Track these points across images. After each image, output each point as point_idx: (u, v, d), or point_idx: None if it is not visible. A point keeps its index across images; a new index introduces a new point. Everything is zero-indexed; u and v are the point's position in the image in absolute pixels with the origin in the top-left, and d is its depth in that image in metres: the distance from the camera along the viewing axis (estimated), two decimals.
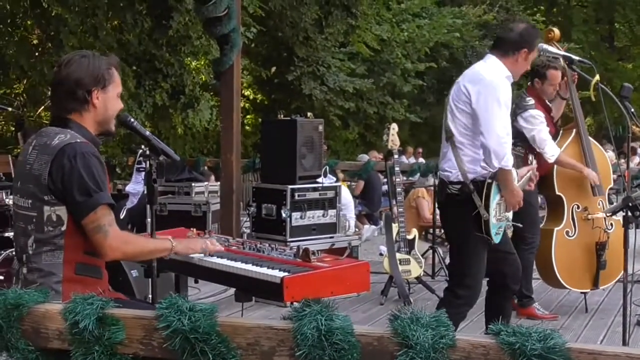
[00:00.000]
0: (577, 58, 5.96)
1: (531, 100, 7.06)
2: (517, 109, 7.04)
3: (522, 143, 6.97)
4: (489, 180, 5.17)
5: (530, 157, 7.00)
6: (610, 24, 30.46)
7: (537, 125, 6.97)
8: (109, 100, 3.72)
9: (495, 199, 5.20)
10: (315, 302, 2.58)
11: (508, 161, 5.15)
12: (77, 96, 3.64)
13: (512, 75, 5.36)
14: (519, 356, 2.35)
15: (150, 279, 4.31)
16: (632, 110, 5.54)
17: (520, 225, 5.75)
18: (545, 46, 6.52)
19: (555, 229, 7.17)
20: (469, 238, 5.27)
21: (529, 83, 7.41)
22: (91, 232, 3.47)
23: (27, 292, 2.91)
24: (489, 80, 5.23)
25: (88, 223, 3.46)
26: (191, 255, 4.25)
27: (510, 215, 5.50)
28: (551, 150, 6.94)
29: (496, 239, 5.29)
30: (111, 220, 3.51)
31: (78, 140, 3.54)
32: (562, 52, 6.43)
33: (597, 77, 5.54)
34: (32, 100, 15.32)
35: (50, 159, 3.50)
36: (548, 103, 7.21)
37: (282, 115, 8.39)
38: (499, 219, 5.28)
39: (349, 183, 15.15)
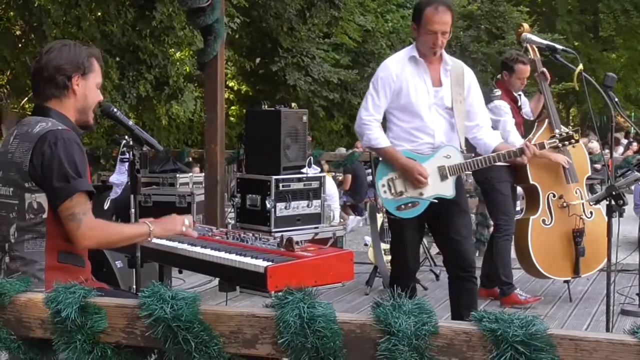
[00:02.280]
0: (560, 47, 5.99)
1: (498, 92, 7.25)
2: (486, 101, 7.13)
3: None
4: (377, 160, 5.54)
5: None
6: (595, 14, 30.52)
7: (501, 116, 7.14)
8: (89, 89, 3.71)
9: (385, 176, 5.38)
10: (297, 290, 2.58)
11: (371, 141, 5.41)
12: (57, 82, 3.63)
13: (423, 52, 5.39)
14: (501, 343, 2.35)
15: (134, 269, 4.30)
16: (616, 99, 5.56)
17: (448, 196, 5.66)
18: (529, 36, 6.58)
19: (531, 217, 7.21)
20: (390, 220, 5.62)
21: (498, 76, 7.57)
22: (65, 219, 3.44)
23: (8, 282, 2.89)
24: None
25: (63, 210, 3.44)
26: (175, 245, 4.25)
27: (432, 190, 5.39)
28: (513, 142, 6.98)
29: (403, 214, 5.38)
30: (86, 209, 3.47)
31: (59, 128, 3.53)
32: (546, 42, 6.47)
33: (581, 66, 5.57)
34: (16, 91, 15.25)
35: (32, 146, 3.48)
36: (515, 94, 7.33)
37: (266, 106, 8.37)
38: (398, 194, 5.36)
39: (333, 174, 15.16)
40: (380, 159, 5.48)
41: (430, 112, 5.41)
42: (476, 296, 5.69)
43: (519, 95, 7.44)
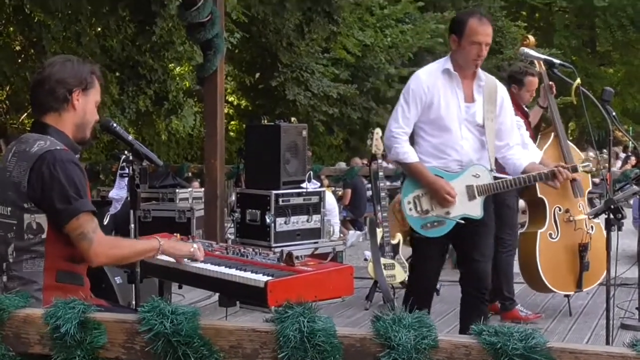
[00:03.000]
0: (558, 61, 5.97)
1: None
2: None
3: None
4: (404, 175, 5.40)
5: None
6: (592, 29, 30.57)
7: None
8: (88, 105, 3.72)
9: (411, 193, 5.27)
10: (297, 304, 2.58)
11: (399, 155, 5.29)
12: (57, 94, 3.64)
13: (457, 67, 5.35)
14: (501, 356, 2.35)
15: (133, 285, 4.29)
16: (614, 114, 5.56)
17: (476, 217, 5.62)
18: (526, 50, 6.57)
19: (539, 231, 7.19)
20: (415, 238, 5.47)
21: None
22: (76, 239, 3.46)
23: (7, 297, 2.89)
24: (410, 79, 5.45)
25: (71, 230, 3.45)
26: (174, 261, 4.24)
27: (459, 210, 5.32)
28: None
29: (428, 233, 5.29)
30: (95, 227, 3.49)
31: (58, 148, 3.53)
32: (544, 56, 6.46)
33: (578, 80, 5.56)
34: (15, 106, 15.26)
35: (29, 166, 3.48)
36: (526, 109, 7.27)
37: (266, 121, 8.38)
38: (422, 213, 5.26)
39: (333, 188, 15.16)
40: (407, 175, 5.37)
41: (461, 128, 5.31)
42: (487, 318, 5.65)
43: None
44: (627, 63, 31.29)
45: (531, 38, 7.33)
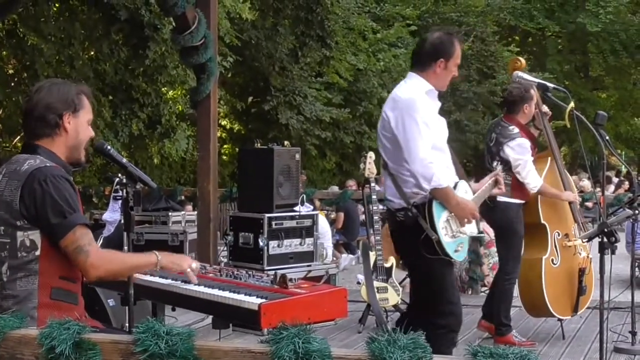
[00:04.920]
0: (551, 85, 5.98)
1: (515, 129, 7.05)
2: (502, 138, 7.05)
3: (509, 171, 6.99)
4: (430, 200, 5.01)
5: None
6: (584, 54, 30.73)
7: (524, 155, 6.99)
8: (80, 126, 3.74)
9: (441, 217, 5.03)
10: (292, 325, 2.58)
11: (439, 180, 4.95)
12: (47, 120, 3.66)
13: (437, 87, 5.25)
14: None
15: (127, 307, 4.28)
16: (607, 138, 5.58)
17: (477, 233, 5.59)
18: (520, 74, 6.58)
19: (543, 257, 7.13)
20: (430, 264, 5.06)
21: (504, 111, 7.44)
22: (72, 253, 3.47)
23: (2, 318, 2.89)
24: (404, 101, 5.10)
25: (68, 245, 3.46)
26: (168, 283, 4.24)
27: (469, 229, 5.23)
28: (534, 181, 6.95)
29: (458, 257, 5.17)
30: (90, 240, 3.51)
31: (47, 165, 3.56)
32: (537, 80, 6.47)
33: (572, 104, 5.58)
34: (8, 130, 15.25)
35: (20, 184, 3.50)
36: (531, 131, 7.24)
37: (259, 145, 8.39)
38: (453, 236, 5.09)
39: (326, 212, 15.16)
40: (434, 199, 5.02)
41: (447, 147, 5.27)
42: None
43: None
44: (620, 88, 31.43)
45: (522, 60, 7.31)
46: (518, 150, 6.98)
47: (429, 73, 5.22)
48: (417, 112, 5.02)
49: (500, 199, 6.81)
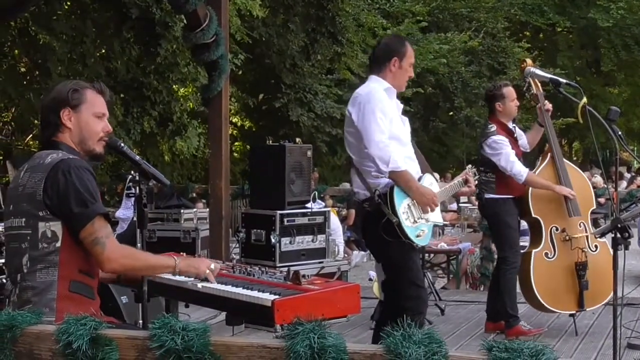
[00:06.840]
0: (564, 81, 6.00)
1: (493, 127, 7.26)
2: (481, 138, 7.40)
3: (492, 170, 7.24)
4: (391, 187, 5.25)
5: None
6: (596, 49, 30.61)
7: (501, 149, 7.16)
8: (83, 120, 3.77)
9: (402, 203, 5.25)
10: (307, 321, 2.59)
11: (397, 162, 5.22)
12: (49, 121, 3.77)
13: (395, 86, 5.52)
14: None
15: (140, 304, 4.29)
16: (620, 133, 5.56)
17: (441, 223, 5.91)
18: (532, 69, 6.62)
19: (533, 251, 7.23)
20: (394, 249, 5.29)
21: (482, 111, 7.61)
22: (89, 245, 3.52)
23: (20, 314, 2.91)
24: (363, 95, 5.42)
25: (86, 236, 3.51)
26: (182, 279, 4.25)
27: (433, 217, 5.45)
28: (519, 171, 7.05)
29: (420, 242, 5.37)
30: (108, 233, 3.56)
31: (70, 157, 3.62)
32: (549, 75, 6.49)
33: (585, 100, 5.56)
34: (20, 128, 15.32)
35: (44, 176, 3.56)
36: (510, 127, 7.34)
37: (270, 142, 8.41)
38: (415, 222, 5.30)
39: (337, 209, 15.15)
40: (395, 184, 5.27)
41: (409, 141, 5.51)
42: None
43: (514, 127, 7.44)
44: (632, 83, 31.36)
45: (528, 61, 7.36)
46: (494, 146, 7.19)
47: (386, 73, 5.54)
48: (374, 102, 5.34)
49: (488, 195, 7.26)
